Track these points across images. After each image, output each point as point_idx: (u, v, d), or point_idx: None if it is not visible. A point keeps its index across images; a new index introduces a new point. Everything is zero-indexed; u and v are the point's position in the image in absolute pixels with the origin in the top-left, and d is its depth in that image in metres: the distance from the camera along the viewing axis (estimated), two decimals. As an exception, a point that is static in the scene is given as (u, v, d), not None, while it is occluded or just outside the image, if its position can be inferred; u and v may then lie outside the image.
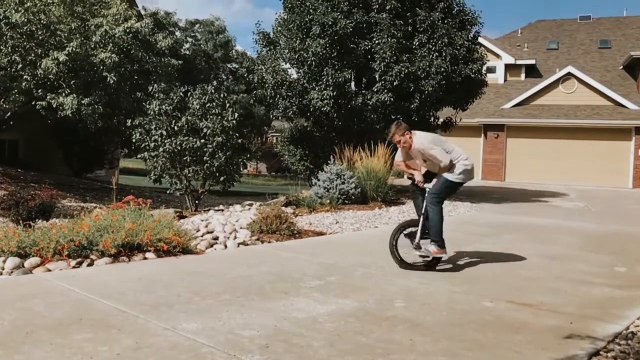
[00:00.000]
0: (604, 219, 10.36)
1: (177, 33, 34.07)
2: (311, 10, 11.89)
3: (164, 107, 9.34)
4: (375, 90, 11.71)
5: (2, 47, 11.48)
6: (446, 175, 5.11)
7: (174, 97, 9.52)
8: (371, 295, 4.18)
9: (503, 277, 4.97)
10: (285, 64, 12.70)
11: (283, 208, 8.36)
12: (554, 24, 29.39)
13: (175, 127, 9.22)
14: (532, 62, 25.24)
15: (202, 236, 6.35)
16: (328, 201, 9.53)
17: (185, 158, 9.24)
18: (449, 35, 11.90)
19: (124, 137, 14.88)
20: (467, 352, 3.08)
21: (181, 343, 3.04)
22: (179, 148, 9.08)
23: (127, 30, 12.29)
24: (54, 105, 11.72)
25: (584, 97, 22.27)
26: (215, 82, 32.32)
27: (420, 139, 5.19)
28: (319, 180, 10.14)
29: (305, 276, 4.68)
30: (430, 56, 11.70)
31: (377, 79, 11.72)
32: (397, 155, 5.48)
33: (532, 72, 25.32)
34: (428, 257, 5.06)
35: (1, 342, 2.97)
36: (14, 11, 11.39)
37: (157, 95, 9.64)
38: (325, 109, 11.55)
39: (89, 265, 4.84)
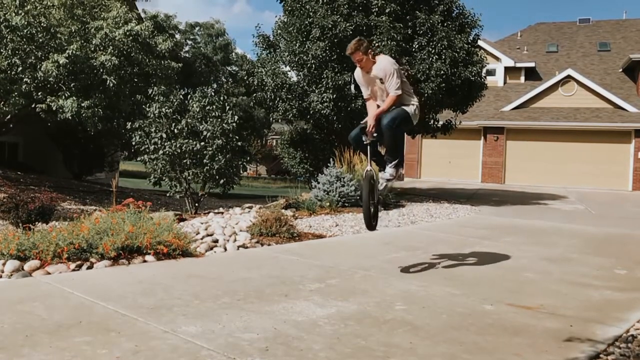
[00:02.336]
0: (604, 222, 10.36)
1: (177, 36, 34.10)
2: (311, 13, 11.91)
3: (163, 109, 9.35)
4: (374, 92, 11.71)
5: (2, 50, 11.49)
6: (403, 107, 4.88)
7: (174, 100, 9.53)
8: (371, 298, 4.17)
9: (503, 280, 4.97)
10: (285, 66, 12.72)
11: (283, 211, 8.36)
12: (553, 26, 29.44)
13: (175, 130, 9.22)
14: (532, 64, 25.28)
15: (201, 239, 6.35)
16: (328, 204, 9.53)
17: (185, 161, 9.24)
18: (449, 38, 11.91)
19: (123, 139, 14.87)
20: (466, 355, 3.08)
21: (181, 346, 3.04)
22: (179, 151, 9.08)
23: (127, 33, 12.29)
24: (54, 108, 11.72)
25: (584, 99, 22.30)
26: (215, 85, 32.40)
27: (387, 58, 4.92)
28: (318, 183, 10.14)
29: (305, 279, 4.67)
30: (430, 59, 11.72)
31: (377, 81, 11.72)
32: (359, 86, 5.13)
33: (532, 74, 25.36)
34: (392, 177, 5.03)
35: (1, 345, 2.97)
36: (14, 14, 11.40)
37: (157, 98, 9.65)
38: (325, 111, 11.56)
39: (88, 268, 4.84)
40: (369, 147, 4.93)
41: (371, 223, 5.10)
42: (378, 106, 4.98)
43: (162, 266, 5.04)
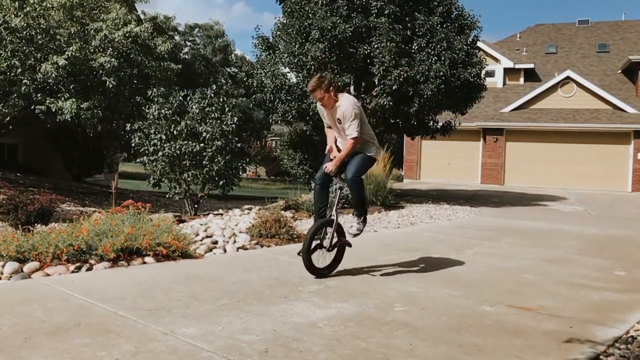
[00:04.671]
0: (603, 223, 10.36)
1: (177, 37, 34.14)
2: (310, 15, 11.91)
3: (163, 111, 9.35)
4: (374, 94, 11.73)
5: (1, 52, 11.50)
6: (366, 152, 4.83)
7: (173, 102, 9.53)
8: (371, 299, 4.17)
9: (502, 281, 4.97)
10: (285, 68, 12.71)
11: (282, 212, 8.35)
12: (552, 28, 29.48)
13: (175, 131, 9.22)
14: (531, 66, 25.30)
15: (201, 240, 6.34)
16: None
17: (184, 162, 9.24)
18: (448, 39, 11.92)
19: (123, 141, 14.87)
20: (466, 356, 3.08)
21: (180, 348, 3.03)
22: (178, 152, 9.08)
23: (127, 35, 12.30)
24: (53, 110, 11.73)
25: (583, 101, 22.32)
26: (214, 86, 32.40)
27: (349, 99, 4.77)
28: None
29: (304, 280, 4.67)
30: (429, 60, 11.72)
31: (376, 83, 11.74)
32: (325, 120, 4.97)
33: (531, 76, 25.38)
34: (359, 232, 4.96)
35: (0, 347, 2.96)
36: (13, 16, 11.41)
37: (156, 99, 9.65)
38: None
39: (88, 269, 4.83)
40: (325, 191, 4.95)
41: (312, 264, 4.67)
42: (338, 148, 4.93)
43: (161, 268, 5.03)
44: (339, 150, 4.97)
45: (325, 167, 4.85)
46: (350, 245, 5.03)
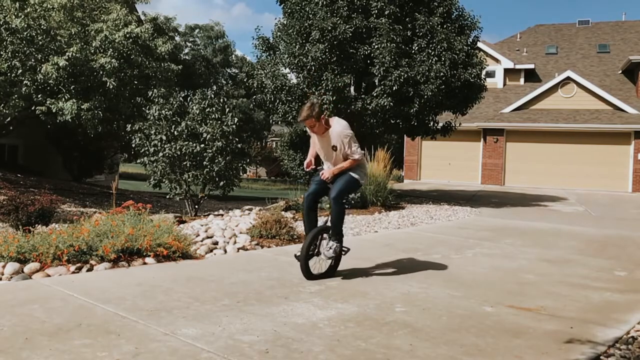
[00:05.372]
0: (604, 223, 10.36)
1: (177, 38, 34.14)
2: (310, 16, 11.92)
3: (163, 112, 9.35)
4: (374, 94, 11.73)
5: (2, 53, 11.49)
6: (352, 174, 4.84)
7: (174, 102, 9.53)
8: (371, 300, 4.17)
9: (503, 282, 4.97)
10: (285, 68, 12.73)
11: (283, 213, 8.35)
12: (552, 28, 29.48)
13: (175, 132, 9.22)
14: (531, 66, 25.31)
15: (201, 241, 6.35)
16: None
17: (184, 163, 9.24)
18: (448, 40, 11.93)
19: (123, 142, 14.88)
20: (467, 357, 3.08)
21: (181, 348, 3.04)
22: (179, 153, 9.08)
23: (127, 36, 12.30)
24: (54, 110, 11.73)
25: (583, 101, 22.32)
26: (214, 87, 32.41)
27: (341, 124, 4.80)
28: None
29: (304, 281, 4.67)
30: (430, 61, 11.73)
31: (377, 83, 11.75)
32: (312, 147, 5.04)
33: (531, 76, 25.39)
34: (335, 255, 4.82)
35: (0, 348, 2.96)
36: (14, 17, 11.42)
37: (156, 100, 9.65)
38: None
39: (88, 270, 4.83)
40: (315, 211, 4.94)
41: (309, 272, 4.73)
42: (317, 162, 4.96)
43: (162, 268, 5.04)
44: (316, 164, 4.98)
45: (322, 173, 4.87)
46: (348, 250, 5.03)
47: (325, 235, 4.86)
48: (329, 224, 4.92)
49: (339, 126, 4.78)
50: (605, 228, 9.54)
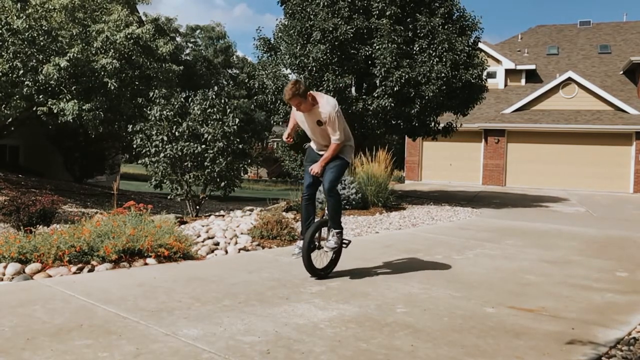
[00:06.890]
0: (605, 224, 10.35)
1: (178, 39, 34.20)
2: (312, 16, 11.93)
3: (164, 112, 9.36)
4: (375, 95, 11.74)
5: (3, 53, 11.51)
6: (340, 156, 4.77)
7: (175, 103, 9.54)
8: (372, 300, 4.17)
9: (504, 283, 4.97)
10: (286, 69, 12.74)
11: (284, 213, 8.36)
12: (554, 29, 29.48)
13: (176, 133, 9.23)
14: (533, 67, 25.30)
15: (202, 242, 6.35)
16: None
17: (186, 163, 9.25)
18: (450, 40, 11.93)
19: (124, 142, 14.90)
20: (468, 358, 3.08)
21: (182, 349, 3.04)
22: (180, 153, 9.09)
23: (128, 36, 12.32)
24: (55, 111, 11.74)
25: (585, 102, 22.32)
26: (216, 88, 32.43)
27: (328, 101, 4.64)
28: (319, 185, 10.13)
29: (305, 282, 4.67)
30: (431, 61, 11.73)
31: (378, 84, 11.75)
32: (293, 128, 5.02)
33: (533, 77, 25.38)
34: (337, 246, 4.83)
35: (2, 349, 2.97)
36: (15, 17, 11.43)
37: (158, 100, 9.66)
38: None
39: (89, 271, 4.84)
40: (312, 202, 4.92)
41: (311, 264, 4.71)
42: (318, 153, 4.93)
43: (163, 269, 5.04)
44: (300, 140, 4.90)
45: (311, 169, 4.82)
46: (349, 242, 5.04)
47: (324, 229, 4.87)
48: (326, 217, 4.92)
49: (328, 106, 4.62)
50: (606, 229, 9.53)
